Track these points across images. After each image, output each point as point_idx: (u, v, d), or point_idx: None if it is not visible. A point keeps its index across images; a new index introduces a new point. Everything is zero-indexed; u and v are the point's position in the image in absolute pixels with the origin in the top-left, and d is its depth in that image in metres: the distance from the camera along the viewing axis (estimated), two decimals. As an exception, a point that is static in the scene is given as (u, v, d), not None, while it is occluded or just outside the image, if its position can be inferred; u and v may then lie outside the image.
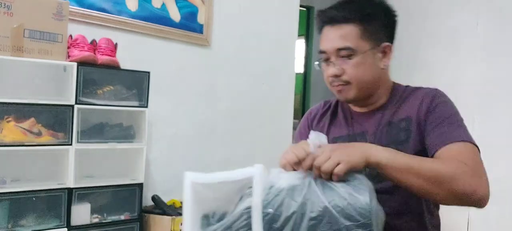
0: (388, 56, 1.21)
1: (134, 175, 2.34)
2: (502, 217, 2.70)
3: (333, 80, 1.18)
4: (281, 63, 3.27)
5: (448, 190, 0.97)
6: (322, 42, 1.20)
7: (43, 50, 2.00)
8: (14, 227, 1.96)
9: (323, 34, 1.20)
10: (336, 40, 1.15)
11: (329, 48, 1.17)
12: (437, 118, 1.12)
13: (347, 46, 1.14)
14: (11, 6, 1.92)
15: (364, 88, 1.18)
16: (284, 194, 0.90)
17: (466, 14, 3.06)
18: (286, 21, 3.28)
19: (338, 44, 1.15)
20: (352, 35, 1.14)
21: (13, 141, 1.93)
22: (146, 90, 2.34)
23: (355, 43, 1.14)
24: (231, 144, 2.98)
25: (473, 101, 2.93)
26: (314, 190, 0.90)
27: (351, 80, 1.16)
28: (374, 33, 1.16)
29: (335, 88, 1.20)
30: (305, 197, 0.89)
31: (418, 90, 1.22)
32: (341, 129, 1.27)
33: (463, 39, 3.09)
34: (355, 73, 1.15)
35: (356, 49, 1.14)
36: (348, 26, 1.14)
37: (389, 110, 1.21)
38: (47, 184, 2.05)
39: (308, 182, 0.92)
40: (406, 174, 0.97)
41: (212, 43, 2.87)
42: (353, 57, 1.14)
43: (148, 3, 2.56)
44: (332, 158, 0.92)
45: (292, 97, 3.36)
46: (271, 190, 0.92)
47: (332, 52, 1.16)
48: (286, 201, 0.89)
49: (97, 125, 2.25)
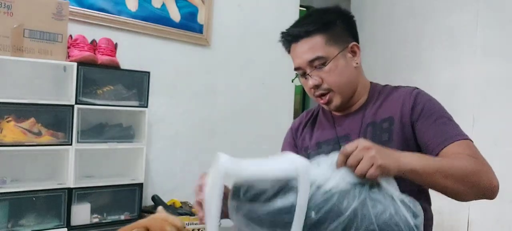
0: (358, 54, 1.25)
1: (134, 175, 2.34)
2: (502, 217, 2.70)
3: (315, 91, 1.23)
4: (281, 63, 3.26)
5: (474, 186, 1.02)
6: (294, 59, 1.25)
7: (43, 50, 2.00)
8: (14, 227, 1.96)
9: (292, 52, 1.25)
10: (306, 54, 1.20)
11: (301, 63, 1.22)
12: (428, 117, 1.14)
13: (317, 55, 1.19)
14: (11, 6, 1.92)
15: (345, 91, 1.23)
16: (334, 200, 0.85)
17: (465, 14, 3.06)
18: (286, 21, 3.26)
19: (309, 57, 1.20)
20: (318, 45, 1.19)
21: (13, 141, 1.93)
22: (146, 90, 2.34)
23: (323, 51, 1.19)
24: (231, 144, 2.98)
25: (473, 101, 2.93)
26: (365, 203, 0.86)
27: (331, 87, 1.21)
28: (338, 37, 1.21)
29: (320, 101, 1.25)
30: (355, 210, 0.85)
31: (398, 90, 1.25)
32: (325, 132, 1.29)
33: (463, 39, 3.08)
34: (332, 79, 1.20)
35: (326, 56, 1.19)
36: (312, 38, 1.20)
37: (369, 110, 1.24)
38: (47, 184, 2.05)
39: (358, 191, 0.87)
40: (437, 177, 0.99)
41: (212, 43, 2.87)
42: (326, 65, 1.19)
43: (148, 3, 2.56)
44: (365, 159, 0.89)
45: (292, 97, 3.36)
46: (319, 191, 0.86)
47: (306, 65, 1.21)
48: (334, 210, 0.84)
49: (97, 125, 2.25)
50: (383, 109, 1.21)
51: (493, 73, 2.88)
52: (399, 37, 3.45)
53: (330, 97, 1.22)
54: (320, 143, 1.28)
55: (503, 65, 2.82)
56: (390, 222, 0.86)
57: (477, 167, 1.03)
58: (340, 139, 1.24)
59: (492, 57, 2.90)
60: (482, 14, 2.97)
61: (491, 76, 2.89)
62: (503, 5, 2.86)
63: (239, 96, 3.02)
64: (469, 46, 3.02)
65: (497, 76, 2.86)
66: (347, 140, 1.20)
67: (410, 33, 3.33)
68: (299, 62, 1.22)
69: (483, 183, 1.04)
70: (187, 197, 2.66)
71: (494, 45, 2.90)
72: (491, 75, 2.89)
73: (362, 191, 0.88)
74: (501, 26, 2.86)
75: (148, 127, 2.37)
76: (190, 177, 2.78)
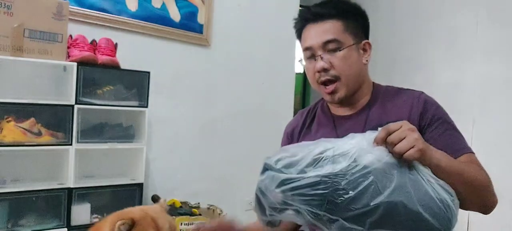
0: (369, 53, 1.24)
1: (134, 175, 2.34)
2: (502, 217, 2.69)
3: (321, 76, 1.19)
4: (281, 63, 3.27)
5: (482, 198, 1.05)
6: (307, 39, 1.22)
7: (43, 50, 2.00)
8: (14, 227, 1.95)
9: (307, 31, 1.22)
10: (322, 34, 1.18)
11: (314, 43, 1.19)
12: (437, 127, 1.14)
13: (334, 38, 1.17)
14: (11, 6, 1.92)
15: (351, 84, 1.20)
16: (372, 178, 0.82)
17: (466, 14, 3.06)
18: (286, 21, 3.26)
19: (325, 37, 1.18)
20: (337, 29, 1.18)
21: (13, 141, 1.93)
22: (146, 90, 2.34)
23: (340, 36, 1.18)
24: (231, 144, 2.98)
25: (473, 101, 2.93)
26: (405, 183, 0.84)
27: (339, 74, 1.18)
28: (355, 30, 1.21)
29: (324, 90, 1.21)
30: (396, 189, 0.82)
31: (404, 93, 1.23)
32: (325, 134, 1.24)
33: (463, 39, 3.08)
34: (342, 66, 1.17)
35: (342, 42, 1.18)
36: (332, 21, 1.19)
37: (374, 112, 1.21)
38: (47, 184, 2.05)
39: (397, 172, 0.85)
40: (456, 179, 0.98)
41: (212, 43, 2.87)
42: (340, 51, 1.17)
43: (148, 3, 2.56)
44: (408, 139, 0.90)
45: (292, 97, 3.36)
46: (356, 166, 0.83)
47: (319, 46, 1.18)
48: (373, 187, 0.82)
49: (97, 125, 2.25)
50: (389, 112, 1.19)
51: (493, 73, 2.88)
52: (399, 38, 3.45)
53: (336, 87, 1.19)
54: None
55: (504, 66, 2.82)
56: (432, 203, 0.86)
57: (488, 180, 1.06)
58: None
59: (492, 58, 2.90)
60: (483, 14, 2.97)
61: (491, 77, 2.89)
62: (504, 6, 2.86)
63: (239, 96, 3.02)
64: (470, 46, 3.02)
65: (497, 76, 2.86)
66: None
67: (411, 34, 3.33)
68: (312, 43, 1.20)
69: (488, 198, 1.06)
70: (187, 197, 2.66)
71: (494, 46, 2.90)
72: (491, 75, 2.89)
73: (401, 171, 0.86)
74: (502, 26, 2.86)
75: (148, 127, 2.37)
76: (190, 177, 2.78)
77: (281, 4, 3.23)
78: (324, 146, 0.88)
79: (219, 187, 2.86)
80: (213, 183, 2.85)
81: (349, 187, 0.81)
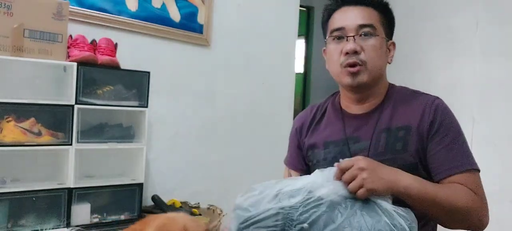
0: (392, 54, 1.24)
1: (134, 175, 2.34)
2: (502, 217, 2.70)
3: (349, 57, 1.16)
4: (281, 63, 3.27)
5: (461, 222, 1.05)
6: (340, 19, 1.19)
7: (43, 50, 2.00)
8: (14, 227, 1.96)
9: (341, 13, 1.20)
10: (359, 17, 1.17)
11: (349, 24, 1.17)
12: (442, 138, 1.12)
13: (371, 23, 1.17)
14: (11, 6, 1.92)
15: (374, 74, 1.18)
16: (324, 209, 0.87)
17: (465, 14, 3.06)
18: (286, 21, 3.28)
19: (361, 21, 1.16)
20: (374, 17, 1.18)
21: (13, 141, 1.93)
22: (146, 90, 2.34)
23: (377, 25, 1.18)
24: (231, 144, 2.98)
25: (473, 101, 2.93)
26: (356, 213, 0.89)
27: (367, 60, 1.16)
28: (387, 26, 1.21)
29: (346, 71, 1.17)
30: (347, 219, 0.87)
31: (418, 97, 1.20)
32: (333, 132, 1.24)
33: (463, 39, 3.08)
34: (372, 53, 1.16)
35: (377, 30, 1.17)
36: (371, 10, 1.18)
37: (385, 114, 1.19)
38: (47, 184, 2.05)
39: (350, 204, 0.90)
40: (430, 205, 1.01)
41: (212, 43, 2.87)
42: (373, 38, 1.16)
43: (148, 3, 2.56)
44: (357, 180, 0.94)
45: (292, 97, 3.36)
46: (310, 197, 0.89)
47: (353, 28, 1.16)
48: (324, 217, 0.87)
49: (97, 125, 2.25)
50: (400, 115, 1.17)
51: (492, 73, 2.88)
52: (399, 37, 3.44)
53: (360, 70, 1.16)
54: (328, 142, 1.24)
55: (503, 65, 2.82)
56: (386, 228, 0.88)
57: (472, 205, 1.04)
58: (349, 139, 1.20)
59: (491, 57, 2.90)
60: (482, 14, 2.97)
61: (491, 76, 2.89)
62: (503, 5, 2.86)
63: (239, 96, 3.02)
64: (469, 46, 3.02)
65: (496, 76, 2.86)
66: (356, 142, 1.18)
67: (410, 33, 3.33)
68: (346, 23, 1.17)
69: (471, 221, 1.05)
70: (187, 197, 2.66)
71: (493, 45, 2.90)
72: (490, 75, 2.89)
73: (354, 204, 0.91)
74: (501, 26, 2.86)
75: (148, 127, 2.37)
76: (190, 177, 2.78)
77: (281, 4, 3.23)
78: (285, 183, 0.94)
79: (219, 187, 2.86)
80: (213, 183, 2.85)
81: (302, 217, 0.86)
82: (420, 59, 3.32)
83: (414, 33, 3.34)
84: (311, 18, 4.57)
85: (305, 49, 4.67)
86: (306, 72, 4.68)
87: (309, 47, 4.63)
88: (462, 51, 3.09)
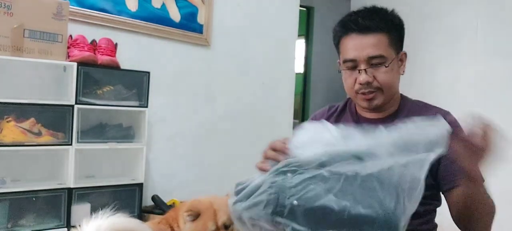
0: (404, 63, 1.25)
1: (134, 175, 2.34)
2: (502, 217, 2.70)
3: (362, 88, 1.18)
4: (281, 63, 3.27)
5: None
6: (350, 50, 1.19)
7: (43, 50, 2.00)
8: (14, 227, 1.96)
9: (350, 41, 1.19)
10: (368, 48, 1.16)
11: (360, 56, 1.17)
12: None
13: (380, 54, 1.16)
14: (11, 6, 1.92)
15: (389, 94, 1.21)
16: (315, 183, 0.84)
17: (466, 14, 3.06)
18: (286, 21, 3.28)
19: (372, 52, 1.16)
20: (383, 44, 1.17)
21: (13, 141, 1.93)
22: (146, 90, 2.34)
23: (386, 51, 1.17)
24: (231, 144, 2.98)
25: (473, 100, 2.93)
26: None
27: (382, 87, 1.18)
28: (397, 42, 1.21)
29: (362, 97, 1.20)
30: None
31: (431, 109, 1.24)
32: None
33: (463, 39, 3.08)
34: (385, 80, 1.18)
35: (387, 57, 1.17)
36: (378, 35, 1.17)
37: (397, 121, 1.21)
38: (47, 184, 2.05)
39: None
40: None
41: (212, 43, 2.87)
42: (384, 65, 1.17)
43: (148, 3, 2.56)
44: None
45: (292, 97, 3.36)
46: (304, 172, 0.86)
47: (363, 60, 1.17)
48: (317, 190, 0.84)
49: (97, 125, 2.25)
50: None
51: (493, 72, 2.88)
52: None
53: (375, 96, 1.19)
54: None
55: (503, 64, 2.82)
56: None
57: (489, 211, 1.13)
58: None
59: (492, 56, 2.90)
60: (482, 13, 2.98)
61: (491, 75, 2.89)
62: (503, 5, 2.86)
63: (239, 96, 3.02)
64: (469, 45, 3.02)
65: (497, 75, 2.86)
66: None
67: (410, 33, 3.31)
68: (357, 55, 1.17)
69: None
70: (187, 197, 2.65)
71: (494, 45, 2.90)
72: (491, 74, 2.89)
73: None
74: (501, 25, 2.86)
75: (148, 127, 2.37)
76: (190, 177, 2.78)
77: (281, 4, 3.23)
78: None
79: (219, 187, 2.85)
80: (213, 183, 2.85)
81: (295, 190, 0.84)
82: (420, 58, 3.32)
83: (415, 33, 3.34)
84: (311, 18, 4.56)
85: (305, 49, 4.66)
86: (306, 72, 4.67)
87: (309, 47, 4.62)
88: (462, 51, 3.09)
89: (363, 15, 1.19)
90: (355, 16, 1.20)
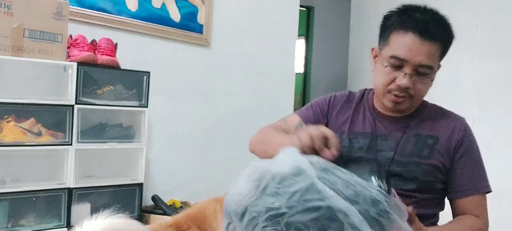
0: (436, 73, 1.22)
1: (134, 175, 2.35)
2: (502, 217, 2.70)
3: (397, 90, 1.15)
4: (281, 63, 3.27)
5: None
6: (404, 49, 1.12)
7: (43, 50, 2.00)
8: (14, 227, 1.96)
9: (408, 40, 1.12)
10: (422, 56, 1.11)
11: (412, 58, 1.11)
12: (466, 161, 1.19)
13: (430, 65, 1.13)
14: (11, 6, 1.92)
15: (418, 102, 1.22)
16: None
17: (465, 14, 3.06)
18: (286, 21, 3.28)
19: (424, 61, 1.12)
20: (436, 55, 1.15)
21: (13, 141, 1.93)
22: (146, 90, 2.34)
23: (434, 63, 1.15)
24: (231, 144, 2.98)
25: (472, 101, 2.93)
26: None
27: (416, 95, 1.17)
28: (443, 55, 1.19)
29: (392, 98, 1.16)
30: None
31: (448, 115, 1.25)
32: (365, 126, 1.26)
33: (463, 39, 3.08)
34: (422, 90, 1.17)
35: (433, 69, 1.16)
36: (436, 44, 1.14)
37: (414, 121, 1.23)
38: (47, 184, 2.05)
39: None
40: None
41: (212, 43, 2.87)
42: (428, 76, 1.15)
43: (148, 3, 2.56)
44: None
45: (292, 97, 3.36)
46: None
47: (412, 65, 1.12)
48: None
49: (97, 125, 2.25)
50: (429, 126, 1.21)
51: (492, 73, 2.88)
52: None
53: (404, 101, 1.16)
54: (356, 133, 1.25)
55: (502, 65, 2.82)
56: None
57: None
58: (378, 136, 1.22)
59: (491, 57, 2.90)
60: (481, 14, 2.97)
61: (491, 76, 2.89)
62: (503, 5, 2.86)
63: (239, 96, 3.02)
64: (469, 46, 3.02)
65: (496, 75, 2.86)
66: (385, 140, 1.21)
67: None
68: (410, 57, 1.11)
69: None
70: (187, 197, 2.66)
71: (493, 45, 2.90)
72: (490, 75, 2.89)
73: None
74: (500, 26, 2.86)
75: (148, 127, 2.37)
76: (190, 177, 2.78)
77: (281, 4, 3.23)
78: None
79: (219, 187, 2.85)
80: (213, 183, 2.85)
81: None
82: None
83: (414, 33, 3.34)
84: (311, 18, 4.56)
85: (305, 49, 4.66)
86: (306, 72, 4.67)
87: (309, 47, 4.62)
88: (462, 51, 3.09)
89: (432, 21, 1.14)
90: (420, 16, 1.14)
